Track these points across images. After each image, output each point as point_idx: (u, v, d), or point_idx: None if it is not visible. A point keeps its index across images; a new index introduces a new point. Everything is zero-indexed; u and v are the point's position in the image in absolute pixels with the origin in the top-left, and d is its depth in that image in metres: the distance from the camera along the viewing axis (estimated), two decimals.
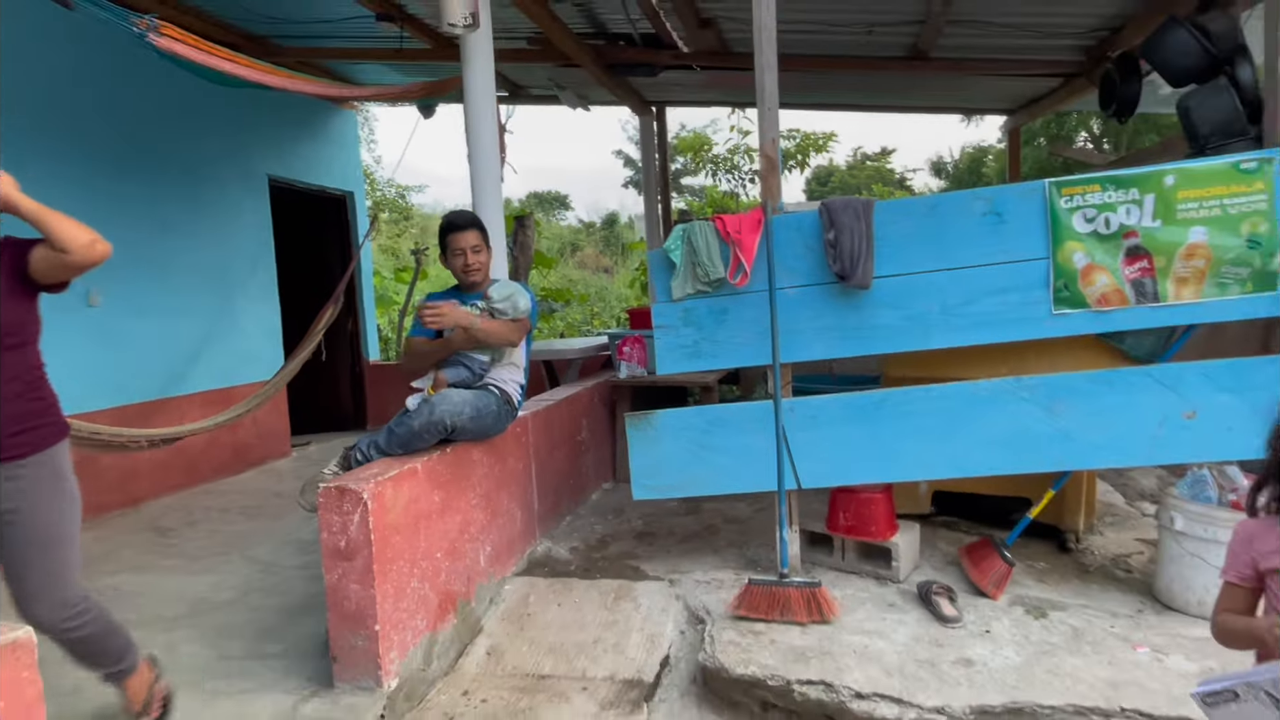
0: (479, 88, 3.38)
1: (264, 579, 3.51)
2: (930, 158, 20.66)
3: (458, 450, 2.91)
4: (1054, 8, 3.92)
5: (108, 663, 2.13)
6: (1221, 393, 2.76)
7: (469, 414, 2.79)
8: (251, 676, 2.57)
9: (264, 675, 2.57)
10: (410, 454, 2.73)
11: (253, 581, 3.48)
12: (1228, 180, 2.70)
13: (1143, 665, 2.44)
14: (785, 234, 3.04)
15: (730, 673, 2.54)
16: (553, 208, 34.39)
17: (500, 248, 3.51)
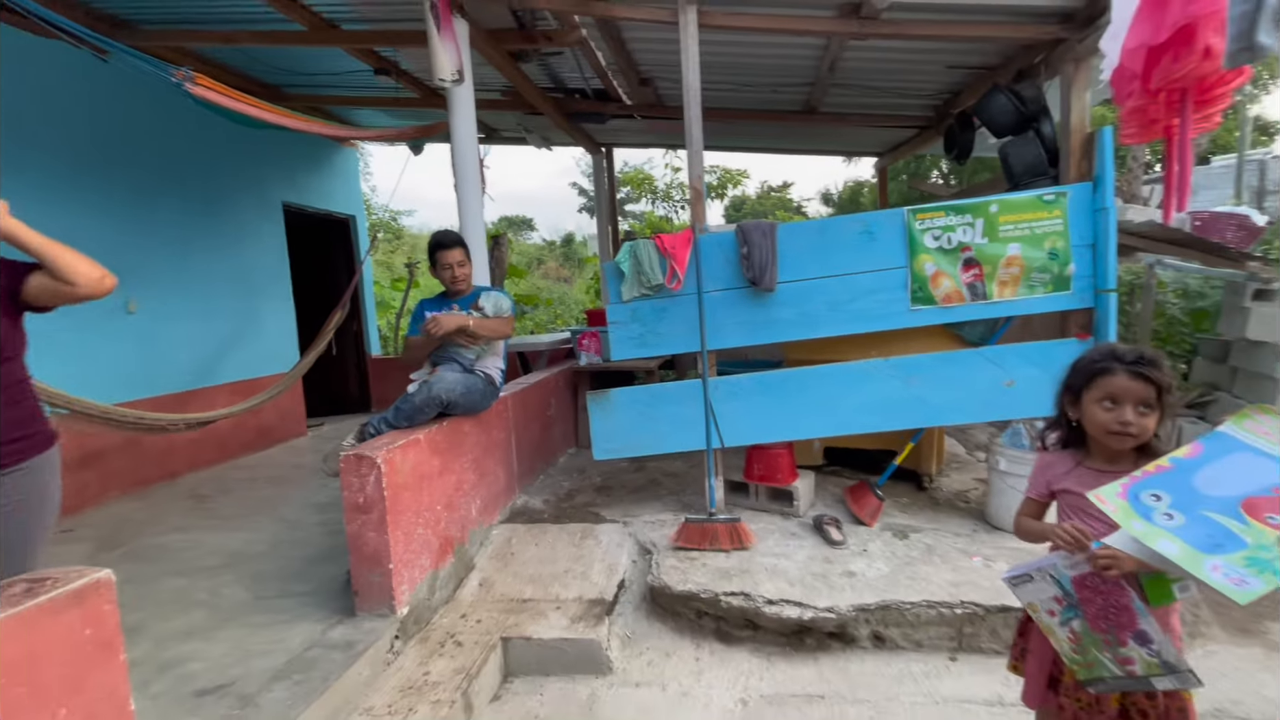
0: (463, 131, 3.37)
1: (290, 534, 3.44)
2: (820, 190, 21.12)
3: (452, 423, 2.92)
4: (909, 78, 4.12)
5: None
6: (1031, 366, 2.99)
7: (460, 390, 2.81)
8: (286, 611, 2.54)
9: (296, 610, 2.55)
10: (414, 427, 2.73)
11: (281, 536, 3.41)
12: (1035, 209, 2.92)
13: (976, 570, 2.64)
14: (710, 249, 3.13)
15: (672, 589, 2.64)
16: (520, 229, 33.85)
17: (481, 261, 3.51)
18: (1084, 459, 1.44)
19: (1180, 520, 0.94)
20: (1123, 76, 1.93)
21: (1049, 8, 2.93)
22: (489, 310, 3.04)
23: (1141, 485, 1.02)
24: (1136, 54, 1.82)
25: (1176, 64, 1.75)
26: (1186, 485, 0.99)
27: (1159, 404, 1.32)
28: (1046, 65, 3.18)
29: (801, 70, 4.13)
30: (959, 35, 3.05)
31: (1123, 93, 1.97)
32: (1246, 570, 0.83)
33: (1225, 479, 0.97)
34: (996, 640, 2.38)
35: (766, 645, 2.51)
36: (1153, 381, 1.30)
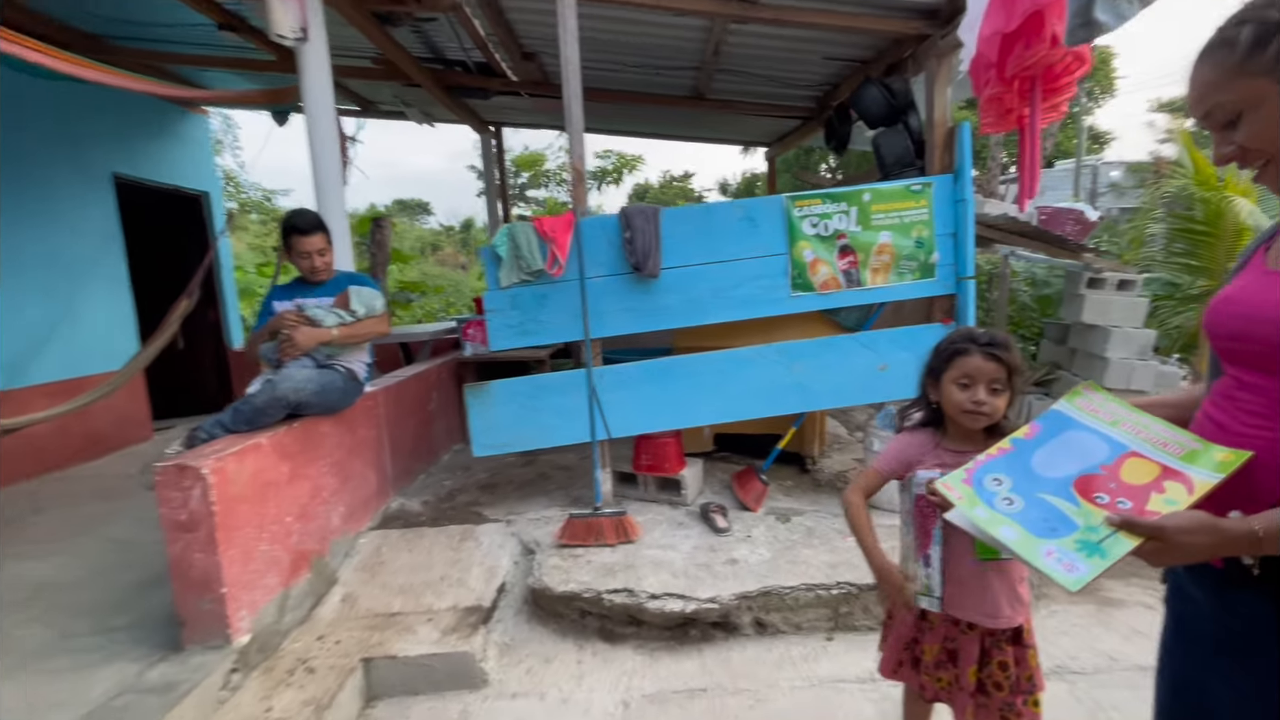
0: (316, 97, 3.00)
1: (119, 557, 2.97)
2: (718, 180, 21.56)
3: (306, 424, 2.61)
4: (791, 67, 4.17)
5: None
6: (902, 351, 3.10)
7: (312, 389, 2.50)
8: (98, 650, 2.16)
9: (110, 649, 2.17)
10: (257, 430, 2.41)
11: (105, 560, 2.93)
12: (903, 198, 3.01)
13: (851, 549, 2.70)
14: (592, 233, 3.00)
15: (554, 590, 2.51)
16: (416, 212, 32.21)
17: (345, 245, 3.17)
18: (942, 439, 1.46)
19: (1019, 504, 0.92)
20: (980, 65, 2.01)
21: (914, 4, 3.02)
22: (360, 310, 2.76)
23: (985, 469, 1.00)
24: (992, 41, 1.89)
25: (1028, 51, 1.83)
26: (1025, 467, 0.98)
27: (1009, 385, 1.36)
28: (913, 60, 3.29)
29: (687, 53, 4.06)
30: (832, 24, 3.08)
31: (980, 81, 2.04)
32: (1077, 555, 0.81)
33: (1059, 459, 0.97)
34: (869, 617, 2.45)
35: (650, 641, 2.44)
36: (1004, 362, 1.34)
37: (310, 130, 3.04)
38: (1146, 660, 2.26)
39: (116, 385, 4.08)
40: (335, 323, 2.71)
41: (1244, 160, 0.89)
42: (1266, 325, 0.85)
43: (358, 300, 2.77)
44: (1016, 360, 1.37)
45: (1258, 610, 0.83)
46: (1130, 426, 0.97)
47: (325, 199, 3.08)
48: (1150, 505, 0.85)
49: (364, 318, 2.78)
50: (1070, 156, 16.47)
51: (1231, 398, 0.92)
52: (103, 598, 2.56)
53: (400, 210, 29.93)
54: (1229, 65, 0.85)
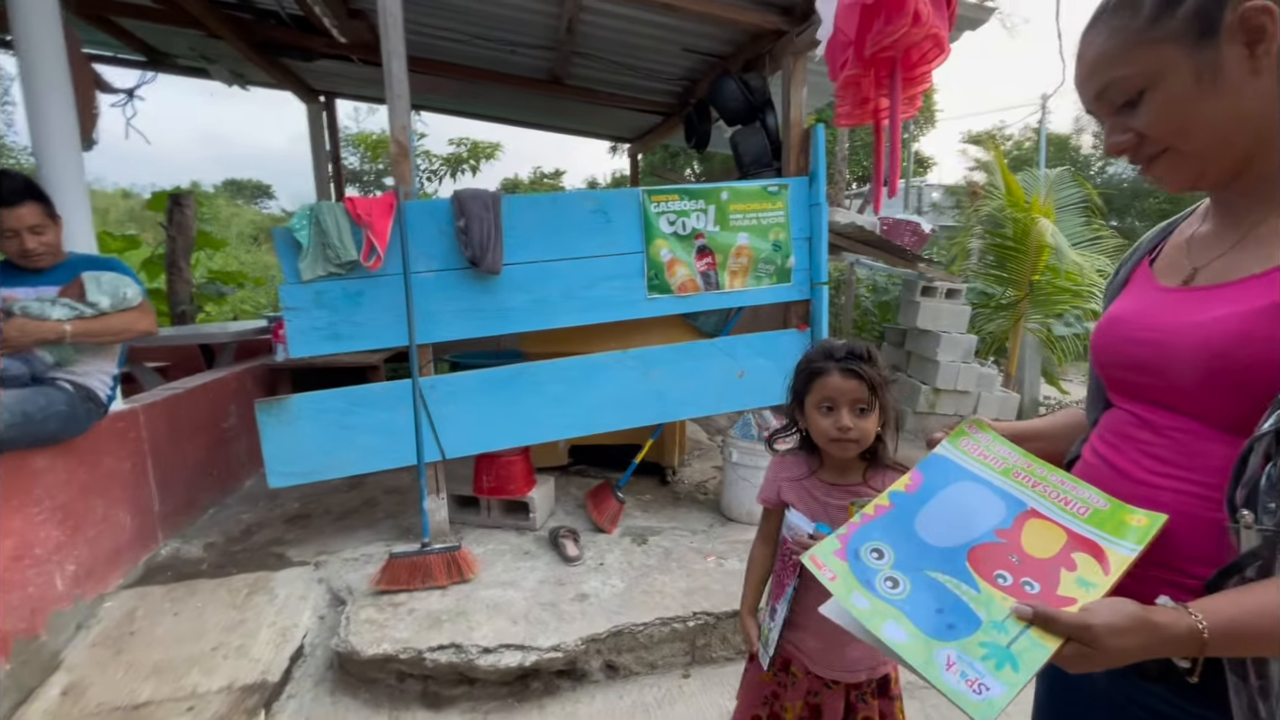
0: (33, 22, 2.26)
1: None
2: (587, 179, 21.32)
3: (3, 461, 1.91)
4: (649, 56, 3.96)
5: None
6: (760, 357, 2.99)
7: (7, 420, 1.82)
8: None
9: None
10: None
11: None
12: (760, 199, 2.90)
13: (710, 572, 2.52)
14: (419, 219, 2.54)
15: (362, 655, 2.04)
16: (254, 195, 28.73)
17: (85, 223, 2.44)
18: (817, 468, 1.26)
19: (905, 588, 0.70)
20: (837, 44, 1.88)
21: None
22: (101, 301, 2.09)
23: (861, 536, 0.77)
24: (850, 14, 1.76)
25: (889, 26, 1.72)
26: (908, 532, 0.76)
27: (876, 402, 1.17)
28: (771, 58, 3.20)
29: (540, 29, 3.70)
30: (687, 8, 2.88)
31: (836, 63, 1.92)
32: (984, 666, 0.59)
33: (949, 520, 0.76)
34: (728, 647, 2.26)
35: (484, 701, 2.06)
36: (864, 378, 1.16)
37: (23, 68, 2.28)
38: None
39: None
40: (67, 315, 2.03)
41: (1139, 150, 0.73)
42: (1180, 354, 0.68)
43: (96, 288, 2.11)
44: (879, 373, 1.19)
45: (1181, 712, 0.67)
46: (1025, 476, 0.79)
47: (52, 162, 2.34)
48: (1062, 588, 0.65)
49: (108, 311, 2.12)
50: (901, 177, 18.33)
51: (1130, 438, 0.76)
52: None
53: (235, 192, 26.39)
54: (1131, 31, 0.68)
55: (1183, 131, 0.68)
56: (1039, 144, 16.83)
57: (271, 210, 25.72)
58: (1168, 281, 0.78)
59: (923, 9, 1.66)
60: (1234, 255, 0.71)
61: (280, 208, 26.18)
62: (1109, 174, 17.53)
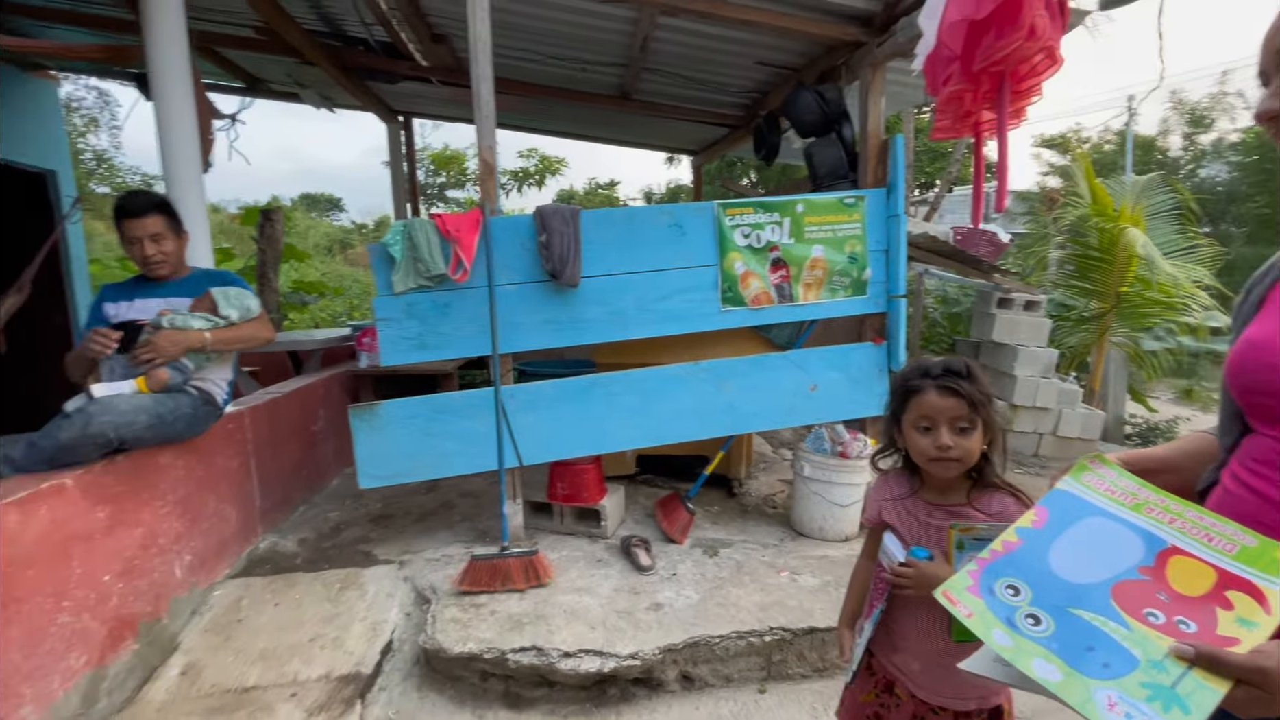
0: (166, 61, 2.49)
1: None
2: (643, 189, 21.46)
3: (135, 458, 2.10)
4: (721, 71, 4.00)
5: None
6: (833, 370, 2.96)
7: (144, 423, 2.00)
8: None
9: None
10: (60, 468, 1.89)
11: None
12: (836, 211, 2.87)
13: (784, 587, 2.50)
14: (503, 235, 2.65)
15: (449, 652, 2.13)
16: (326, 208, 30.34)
17: (204, 238, 2.66)
18: (919, 487, 1.25)
19: (1049, 625, 0.69)
20: (939, 59, 1.84)
21: (850, 9, 2.90)
22: (231, 314, 2.28)
23: (993, 571, 0.76)
24: (956, 30, 1.72)
25: (1000, 41, 1.67)
26: (1042, 569, 0.75)
27: (978, 419, 1.15)
28: (847, 68, 3.18)
29: (613, 48, 3.79)
30: (766, 24, 2.90)
31: (938, 78, 1.88)
32: (1150, 707, 0.58)
33: (1084, 557, 0.74)
34: (804, 664, 2.24)
35: (563, 705, 2.11)
36: (963, 395, 1.14)
37: (157, 101, 2.52)
38: None
39: None
40: (206, 326, 2.22)
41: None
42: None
43: (226, 302, 2.30)
44: (979, 389, 1.16)
45: None
46: (1159, 512, 0.76)
47: (177, 181, 2.57)
48: (1221, 628, 0.63)
49: (237, 322, 2.31)
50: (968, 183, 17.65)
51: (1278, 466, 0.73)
52: None
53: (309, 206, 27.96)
54: None
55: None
56: (1124, 148, 15.90)
57: (342, 222, 27.12)
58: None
59: (1039, 22, 1.61)
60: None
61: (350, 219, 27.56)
62: (1200, 177, 16.38)
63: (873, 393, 2.95)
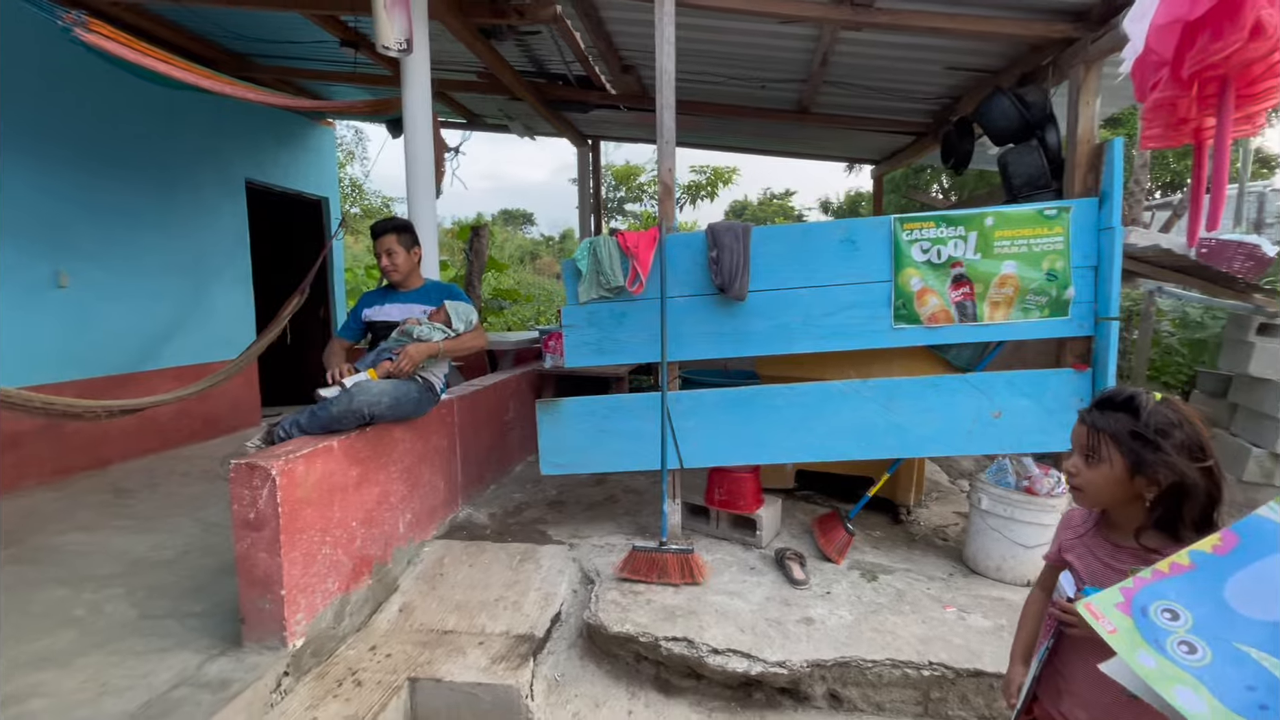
0: (415, 108, 3.07)
1: (206, 539, 3.12)
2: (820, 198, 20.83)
3: (378, 430, 2.61)
4: (907, 79, 3.84)
5: None
6: (1022, 397, 2.71)
7: (387, 403, 2.50)
8: (169, 635, 2.23)
9: (181, 635, 2.23)
10: (330, 434, 2.43)
11: (195, 541, 3.09)
12: (1034, 224, 2.64)
13: (949, 623, 2.35)
14: (676, 251, 2.84)
15: (608, 630, 2.34)
16: (520, 223, 33.70)
17: (433, 254, 3.21)
18: (1101, 521, 1.19)
19: (1207, 657, 0.65)
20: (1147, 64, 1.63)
21: (1061, 4, 2.65)
22: (460, 326, 2.77)
23: (1151, 592, 0.73)
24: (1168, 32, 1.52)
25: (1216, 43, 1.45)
26: (1215, 598, 0.70)
27: (1116, 453, 1.08)
28: (1055, 68, 2.90)
29: (792, 64, 3.84)
30: (962, 30, 2.76)
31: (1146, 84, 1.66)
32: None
33: (1268, 592, 0.68)
34: (966, 707, 2.09)
35: (710, 699, 2.22)
36: (1086, 423, 1.12)
37: (407, 140, 3.10)
38: None
39: (231, 373, 4.37)
40: (440, 337, 2.72)
41: None
42: None
43: (456, 316, 2.79)
44: (1111, 424, 1.09)
45: None
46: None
47: (416, 207, 3.14)
48: None
49: (463, 332, 2.78)
50: (1230, 181, 14.52)
51: None
52: (184, 581, 2.67)
53: (505, 220, 31.35)
54: None
55: None
56: None
57: (533, 235, 29.97)
58: None
59: (1266, 18, 1.37)
60: None
61: (540, 233, 30.34)
62: None
63: (1068, 424, 2.64)
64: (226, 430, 5.35)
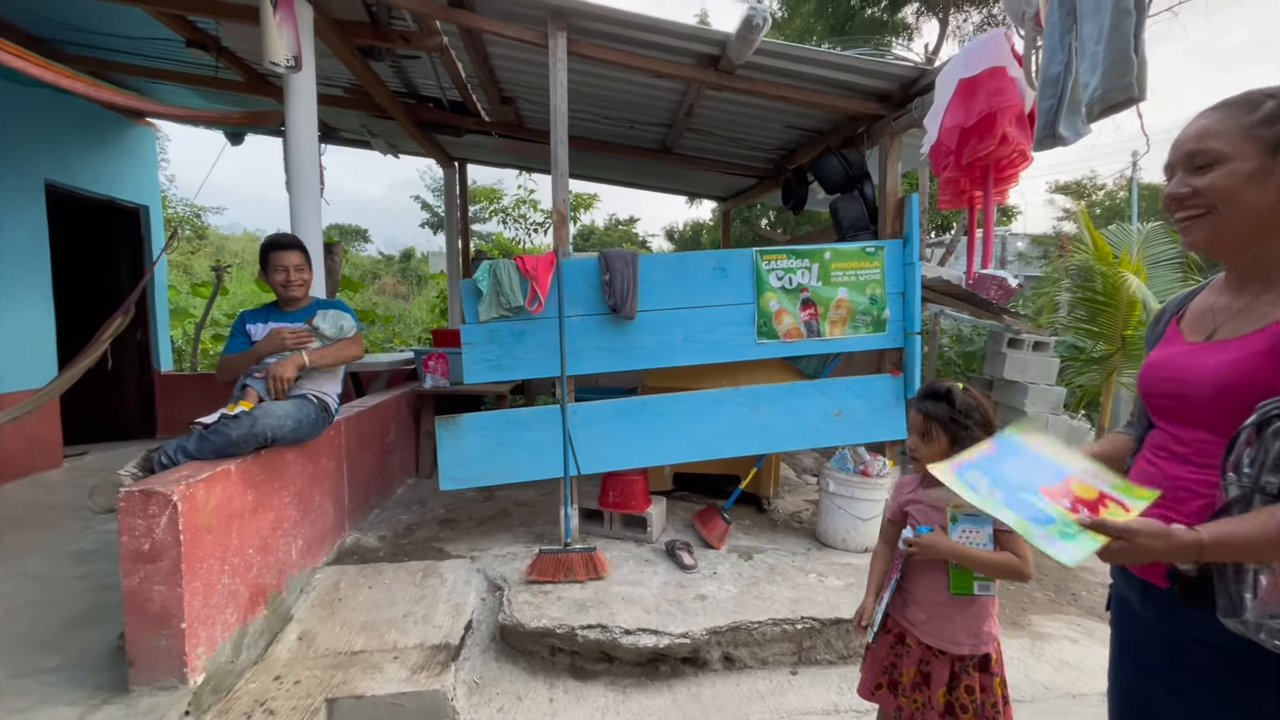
0: (302, 126, 3.01)
1: (40, 592, 2.72)
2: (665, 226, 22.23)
3: (273, 452, 2.52)
4: (755, 132, 4.49)
5: None
6: (855, 398, 3.33)
7: (291, 426, 2.45)
8: (27, 695, 1.98)
9: (41, 691, 1.99)
10: (224, 458, 2.31)
11: (24, 596, 2.68)
12: (859, 259, 3.29)
13: (812, 586, 2.83)
14: (572, 273, 3.10)
15: (526, 627, 2.49)
16: (354, 239, 31.46)
17: (320, 272, 3.14)
18: (924, 480, 1.64)
19: (1002, 497, 1.06)
20: (940, 151, 2.29)
21: (871, 88, 3.36)
22: (328, 331, 2.72)
23: (963, 468, 1.15)
24: (951, 133, 2.18)
25: (981, 144, 2.11)
26: (996, 471, 1.13)
27: (941, 433, 1.54)
28: (868, 136, 3.64)
29: (661, 111, 4.31)
30: (800, 99, 3.38)
31: (939, 164, 2.33)
32: (1063, 541, 0.94)
33: (1020, 470, 1.13)
34: (831, 651, 2.56)
35: (622, 678, 2.46)
36: (920, 411, 1.57)
37: (290, 156, 3.03)
38: (1075, 688, 2.48)
39: (35, 405, 3.76)
40: (316, 345, 2.67)
41: (1185, 204, 1.02)
42: (1198, 387, 1.04)
43: (324, 320, 2.73)
44: (936, 410, 1.56)
45: (1208, 627, 0.98)
46: (1064, 459, 1.14)
47: (302, 224, 3.06)
48: (1102, 515, 1.00)
49: (334, 340, 2.74)
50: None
51: (1169, 450, 1.11)
52: (26, 636, 2.34)
53: (339, 236, 29.11)
54: (1241, 121, 0.97)
55: (1226, 200, 0.98)
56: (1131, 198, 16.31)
57: (369, 253, 28.13)
58: (1193, 337, 1.13)
59: (1010, 132, 2.07)
60: (1240, 318, 1.05)
61: (377, 250, 28.55)
62: None
63: (890, 418, 3.32)
64: (20, 473, 4.53)
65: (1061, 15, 1.67)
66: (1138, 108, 1.67)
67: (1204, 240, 1.03)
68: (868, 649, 1.75)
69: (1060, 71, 1.70)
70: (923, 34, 12.78)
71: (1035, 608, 3.11)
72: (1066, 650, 2.74)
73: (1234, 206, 0.98)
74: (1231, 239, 1.02)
